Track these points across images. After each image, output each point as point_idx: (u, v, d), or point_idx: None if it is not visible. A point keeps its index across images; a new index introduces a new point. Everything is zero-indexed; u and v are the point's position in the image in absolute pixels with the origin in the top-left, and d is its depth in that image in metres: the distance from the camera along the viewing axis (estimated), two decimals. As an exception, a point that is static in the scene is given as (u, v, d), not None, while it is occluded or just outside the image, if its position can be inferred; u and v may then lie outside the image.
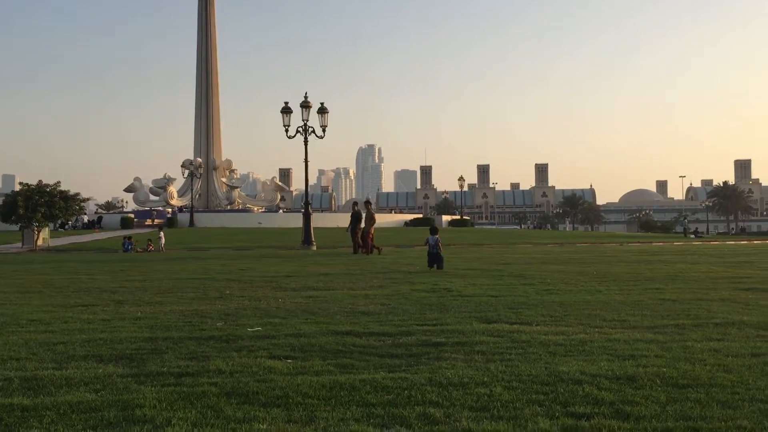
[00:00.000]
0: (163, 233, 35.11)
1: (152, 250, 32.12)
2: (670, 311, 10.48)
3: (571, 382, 6.12)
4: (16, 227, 39.83)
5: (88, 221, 74.49)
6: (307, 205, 34.71)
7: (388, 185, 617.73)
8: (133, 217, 75.80)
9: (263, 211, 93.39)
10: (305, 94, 33.98)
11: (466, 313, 10.43)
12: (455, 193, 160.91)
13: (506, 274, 17.62)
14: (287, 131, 34.28)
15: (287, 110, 34.11)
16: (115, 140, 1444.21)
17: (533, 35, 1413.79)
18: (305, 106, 33.75)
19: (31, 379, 6.40)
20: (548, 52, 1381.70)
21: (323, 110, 34.07)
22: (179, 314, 10.54)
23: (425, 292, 13.40)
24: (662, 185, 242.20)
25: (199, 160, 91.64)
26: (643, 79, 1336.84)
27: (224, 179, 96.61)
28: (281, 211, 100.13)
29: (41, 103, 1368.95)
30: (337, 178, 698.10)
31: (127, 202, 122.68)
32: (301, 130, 34.06)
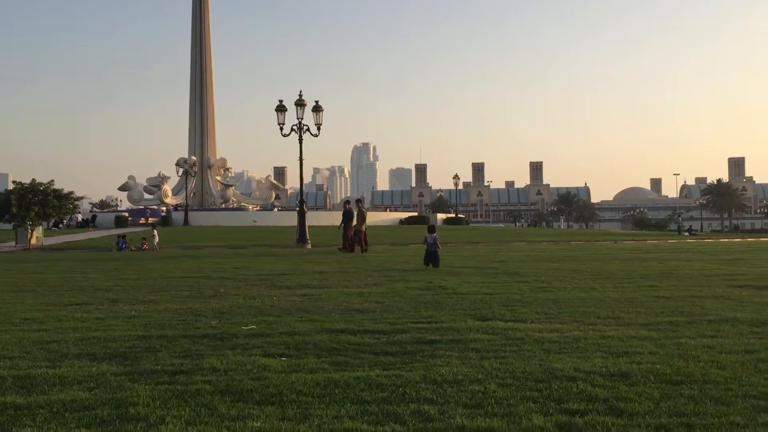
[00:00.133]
0: (156, 232, 35.06)
1: (146, 248, 32.05)
2: (663, 308, 10.52)
3: (565, 379, 6.13)
4: (9, 226, 39.74)
5: (82, 220, 74.31)
6: (301, 203, 34.71)
7: (383, 183, 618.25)
8: (127, 215, 75.64)
9: (258, 209, 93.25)
10: (300, 92, 33.97)
11: (460, 310, 10.44)
12: (450, 191, 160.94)
13: (501, 271, 17.65)
14: (282, 129, 34.24)
15: (282, 108, 34.07)
16: (109, 139, 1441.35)
17: (529, 34, 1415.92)
18: (300, 104, 33.71)
19: (24, 377, 6.38)
20: (544, 51, 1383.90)
21: (318, 108, 34.06)
22: (173, 312, 10.52)
23: (420, 289, 13.41)
24: (656, 183, 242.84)
25: (193, 158, 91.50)
26: (637, 77, 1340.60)
27: (219, 177, 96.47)
28: (276, 209, 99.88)
29: (35, 101, 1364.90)
30: (332, 176, 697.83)
31: (121, 200, 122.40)
32: (295, 128, 34.04)
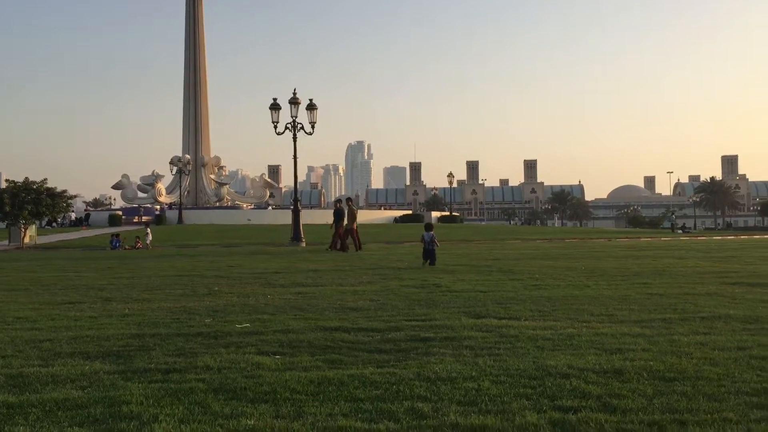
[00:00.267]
0: (150, 230, 34.92)
1: (140, 247, 31.96)
2: (657, 305, 10.55)
3: (558, 376, 6.14)
4: (2, 225, 39.54)
5: (75, 218, 74.08)
6: (296, 201, 34.65)
7: (377, 182, 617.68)
8: (121, 214, 75.44)
9: (252, 207, 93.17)
10: (294, 90, 33.89)
11: (454, 308, 10.45)
12: (444, 189, 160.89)
13: (495, 269, 17.68)
14: (276, 128, 34.18)
15: (276, 107, 34.00)
16: (103, 137, 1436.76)
17: (524, 33, 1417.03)
18: (294, 102, 33.65)
19: (16, 376, 6.36)
20: (539, 50, 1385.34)
21: (312, 107, 34.00)
22: (167, 311, 10.50)
23: (414, 287, 13.41)
24: (650, 181, 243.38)
25: (187, 156, 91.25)
26: (632, 76, 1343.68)
27: (213, 176, 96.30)
28: (270, 207, 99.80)
29: (28, 100, 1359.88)
30: (326, 174, 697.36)
31: (115, 199, 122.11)
32: (290, 126, 33.97)
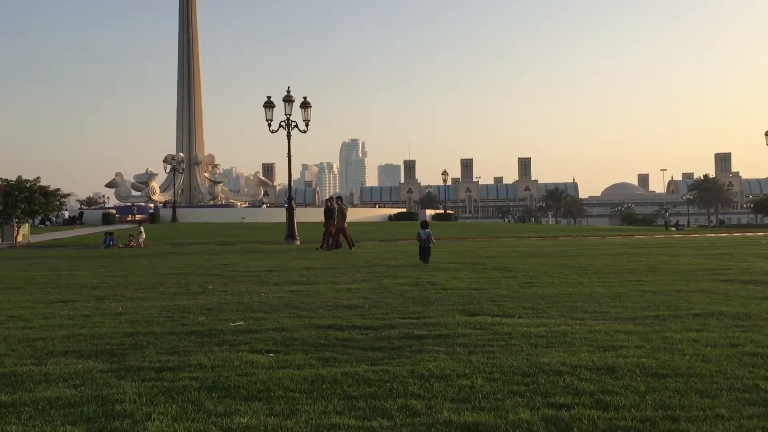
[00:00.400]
0: (143, 229, 34.82)
1: (134, 245, 31.87)
2: (650, 303, 10.58)
3: (552, 373, 6.15)
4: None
5: (69, 217, 73.80)
6: (290, 199, 34.61)
7: (371, 180, 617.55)
8: (114, 212, 75.24)
9: (246, 206, 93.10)
10: (288, 88, 33.85)
11: (448, 306, 10.46)
12: (439, 187, 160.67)
13: (489, 267, 17.70)
14: (270, 126, 34.13)
15: (270, 104, 33.95)
16: (96, 135, 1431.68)
17: (518, 32, 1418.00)
18: (288, 100, 33.60)
19: (9, 375, 6.33)
20: (532, 48, 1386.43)
21: (306, 104, 33.97)
22: (161, 309, 10.47)
23: (408, 285, 13.42)
24: (644, 179, 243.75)
25: (181, 155, 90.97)
26: (626, 74, 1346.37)
27: (207, 174, 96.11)
28: (264, 206, 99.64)
29: (21, 98, 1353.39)
30: (320, 172, 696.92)
31: (108, 197, 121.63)
32: (284, 124, 33.93)
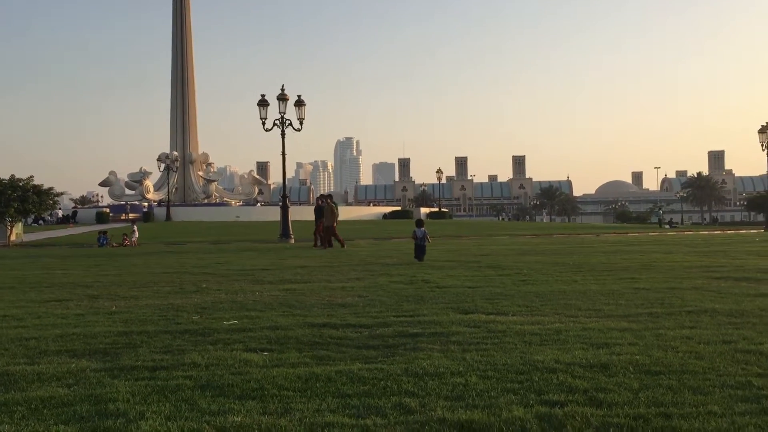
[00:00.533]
0: (136, 227, 34.73)
1: (128, 244, 31.80)
2: (644, 300, 10.61)
3: (545, 370, 6.16)
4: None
5: (62, 216, 73.58)
6: (284, 198, 34.61)
7: (366, 178, 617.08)
8: (108, 211, 75.04)
9: (241, 204, 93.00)
10: (282, 86, 33.82)
11: (443, 304, 10.46)
12: (433, 185, 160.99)
13: (484, 265, 17.71)
14: (264, 124, 34.10)
15: (264, 103, 33.94)
16: (90, 134, 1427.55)
17: (512, 31, 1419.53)
18: (282, 98, 33.58)
19: (2, 374, 6.30)
20: (526, 47, 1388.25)
21: (300, 103, 33.95)
22: (154, 308, 10.45)
23: (403, 283, 13.43)
24: (638, 176, 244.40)
25: (175, 153, 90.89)
26: (620, 72, 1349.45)
27: (201, 173, 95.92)
28: (259, 204, 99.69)
29: (14, 98, 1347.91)
30: (315, 171, 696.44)
31: (102, 196, 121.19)
32: (278, 123, 33.90)
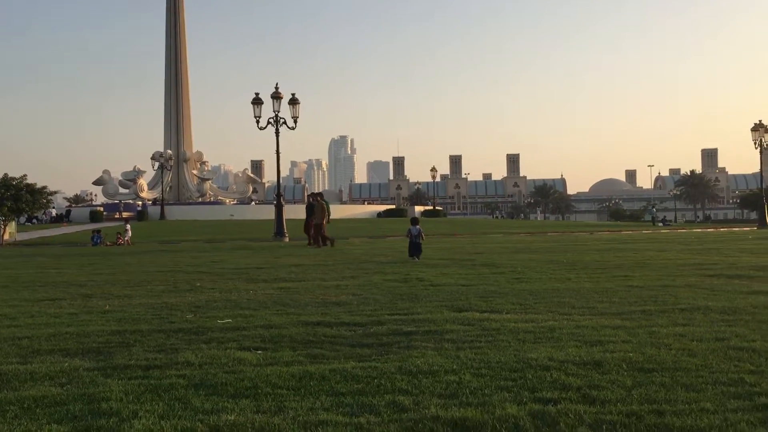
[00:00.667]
0: (129, 226, 34.61)
1: (121, 243, 31.72)
2: (637, 297, 10.63)
3: (539, 368, 6.17)
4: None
5: (56, 215, 73.33)
6: (279, 196, 34.56)
7: (360, 176, 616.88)
8: (102, 210, 74.83)
9: (235, 203, 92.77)
10: (276, 84, 33.78)
11: (437, 302, 10.47)
12: (428, 183, 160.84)
13: (478, 263, 17.73)
14: (258, 122, 34.05)
15: (258, 101, 33.88)
16: (84, 133, 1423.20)
17: (506, 30, 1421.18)
18: (276, 97, 33.54)
19: (-6, 374, 6.28)
20: (521, 46, 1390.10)
21: (294, 101, 33.91)
22: (148, 307, 10.43)
23: (397, 282, 13.43)
24: (631, 175, 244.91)
25: (169, 152, 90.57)
26: (613, 71, 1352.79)
27: (195, 171, 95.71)
28: (253, 203, 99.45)
29: (7, 96, 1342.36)
30: (309, 169, 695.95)
31: (96, 195, 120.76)
32: (272, 121, 33.85)
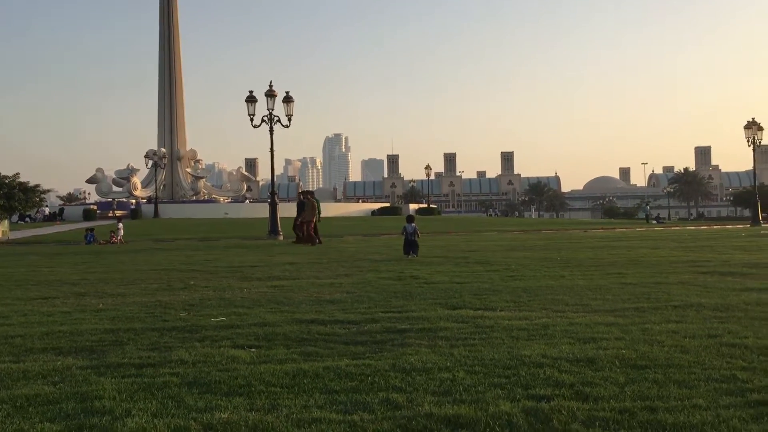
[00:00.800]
0: (121, 225, 34.47)
1: (115, 241, 31.61)
2: (630, 295, 10.67)
3: (532, 365, 6.18)
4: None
5: (49, 213, 73.09)
6: (273, 194, 34.48)
7: (355, 174, 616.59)
8: (95, 208, 74.61)
9: (229, 201, 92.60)
10: (270, 82, 33.69)
11: (431, 299, 10.48)
12: (422, 181, 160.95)
13: (472, 261, 17.76)
14: (252, 120, 33.96)
15: (252, 99, 33.77)
16: (77, 131, 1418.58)
17: (499, 28, 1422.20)
18: (270, 95, 33.43)
19: (-13, 373, 6.26)
20: (514, 44, 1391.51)
21: (288, 99, 33.82)
22: (142, 305, 10.40)
23: (391, 279, 13.43)
24: (625, 172, 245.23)
25: (163, 150, 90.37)
26: (607, 69, 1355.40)
27: (189, 169, 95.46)
28: (247, 201, 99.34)
29: (0, 95, 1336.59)
30: (303, 167, 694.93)
31: (89, 193, 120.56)
32: (266, 119, 33.77)
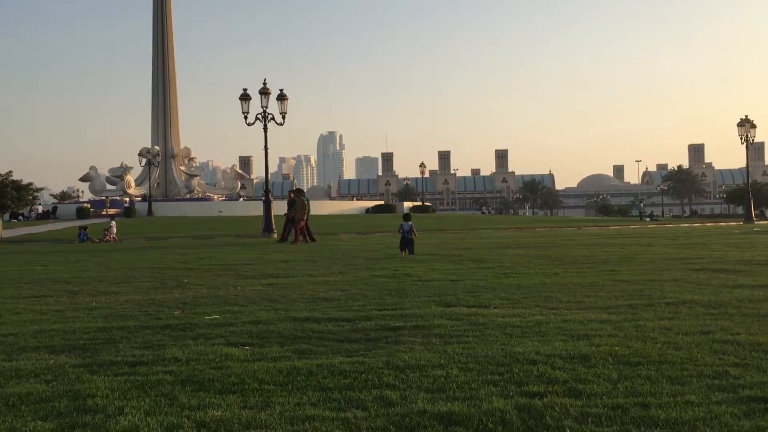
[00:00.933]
0: (114, 223, 34.39)
1: (109, 240, 31.54)
2: (624, 292, 10.70)
3: (526, 362, 6.19)
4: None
5: (42, 211, 72.89)
6: (267, 192, 34.45)
7: (349, 172, 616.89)
8: (89, 206, 74.42)
9: (223, 199, 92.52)
10: (264, 80, 33.64)
11: (425, 297, 10.49)
12: (417, 179, 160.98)
13: (466, 258, 17.78)
14: (246, 118, 33.91)
15: (246, 97, 33.73)
16: (70, 129, 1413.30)
17: (493, 26, 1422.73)
18: (264, 92, 33.41)
19: (-21, 371, 6.24)
20: (509, 42, 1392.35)
21: (282, 97, 33.79)
22: (135, 303, 10.38)
23: (385, 277, 13.43)
24: (619, 170, 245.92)
25: (156, 148, 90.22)
26: (601, 67, 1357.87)
27: (183, 167, 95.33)
28: (241, 199, 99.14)
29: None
30: (298, 165, 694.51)
31: (83, 191, 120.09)
32: (260, 117, 33.73)
